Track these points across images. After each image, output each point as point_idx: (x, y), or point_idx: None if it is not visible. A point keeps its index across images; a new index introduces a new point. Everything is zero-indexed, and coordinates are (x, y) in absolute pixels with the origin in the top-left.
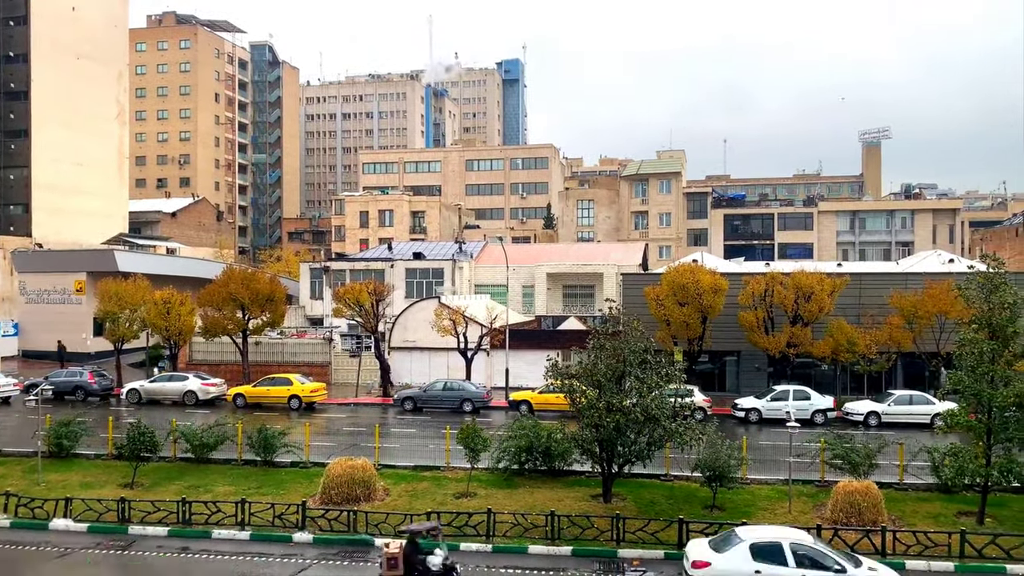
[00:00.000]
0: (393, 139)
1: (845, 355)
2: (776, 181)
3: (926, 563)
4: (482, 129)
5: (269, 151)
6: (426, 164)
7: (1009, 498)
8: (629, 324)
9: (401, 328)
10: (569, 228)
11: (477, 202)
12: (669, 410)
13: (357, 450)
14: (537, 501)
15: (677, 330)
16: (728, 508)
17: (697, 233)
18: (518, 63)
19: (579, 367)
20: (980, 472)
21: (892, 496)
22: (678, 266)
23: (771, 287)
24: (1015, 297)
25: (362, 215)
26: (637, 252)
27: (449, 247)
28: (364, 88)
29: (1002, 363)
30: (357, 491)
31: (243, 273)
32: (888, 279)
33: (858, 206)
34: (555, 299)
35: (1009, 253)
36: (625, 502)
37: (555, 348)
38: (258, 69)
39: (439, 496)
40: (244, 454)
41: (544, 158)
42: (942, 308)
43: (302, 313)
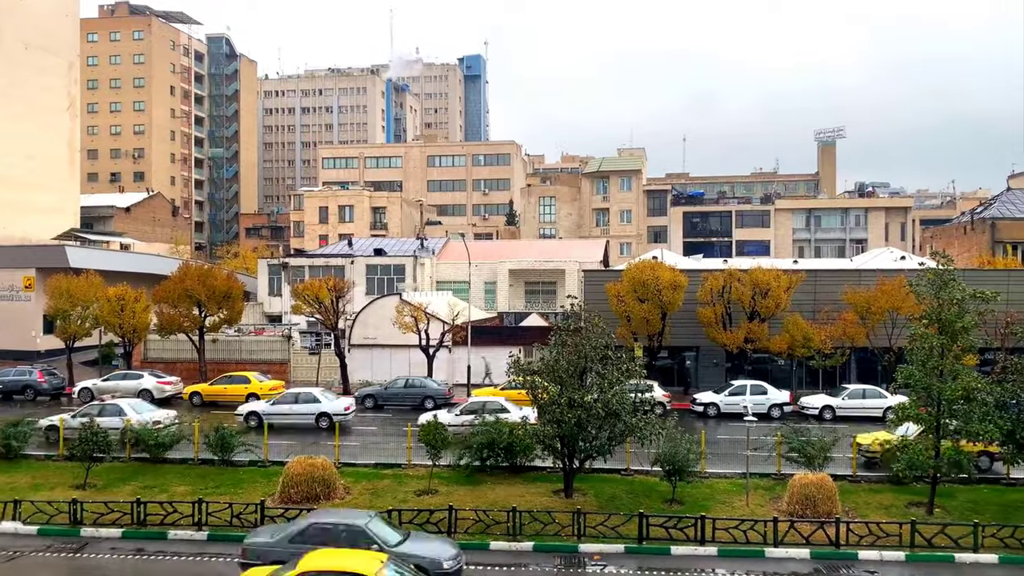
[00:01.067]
0: (353, 134)
1: (801, 350)
2: (734, 179)
3: (878, 553)
4: (444, 125)
5: (226, 145)
6: (387, 159)
7: (957, 489)
8: (590, 320)
9: (362, 325)
10: (531, 225)
11: (439, 198)
12: (629, 405)
13: (317, 448)
14: (499, 497)
15: (637, 326)
16: (687, 502)
17: (657, 230)
18: (480, 59)
19: (541, 363)
20: (929, 464)
21: (846, 488)
22: (639, 263)
23: (729, 284)
24: (963, 293)
25: (322, 211)
26: (598, 249)
27: (411, 243)
28: (324, 82)
29: (950, 357)
30: (317, 490)
31: (199, 269)
32: (842, 276)
33: (813, 204)
34: (517, 295)
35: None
36: (586, 497)
37: (517, 344)
38: (215, 62)
39: (400, 494)
40: (201, 453)
41: (506, 154)
42: (894, 304)
43: (260, 310)
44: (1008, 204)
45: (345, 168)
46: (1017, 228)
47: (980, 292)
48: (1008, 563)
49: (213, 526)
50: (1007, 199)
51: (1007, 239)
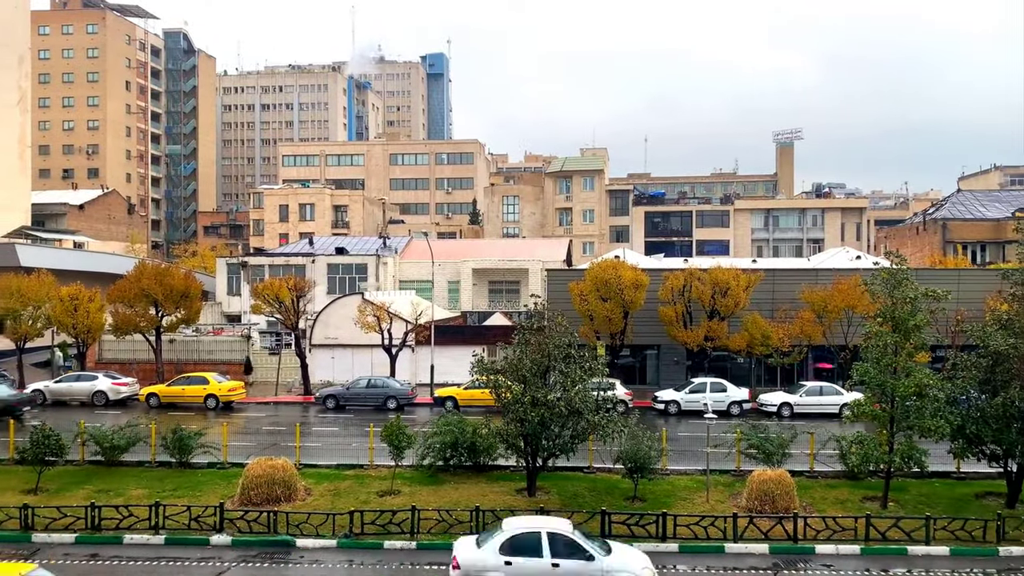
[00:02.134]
0: (314, 131)
1: (760, 348)
2: (695, 179)
3: (834, 547)
4: (406, 123)
5: (184, 142)
6: (349, 157)
7: (910, 483)
8: (553, 319)
9: (323, 325)
10: (495, 224)
11: (402, 197)
12: (592, 403)
13: (277, 450)
14: (462, 497)
15: (600, 325)
16: (649, 499)
17: (619, 229)
18: (443, 57)
19: (504, 362)
20: (883, 459)
21: (803, 483)
22: (601, 262)
23: (689, 283)
24: (916, 292)
25: (282, 209)
26: (561, 248)
27: (373, 242)
28: (284, 79)
29: (904, 355)
30: (277, 491)
31: (156, 268)
32: (800, 275)
33: (772, 204)
34: (481, 295)
35: (910, 250)
36: (549, 495)
37: (481, 344)
38: (172, 57)
39: (362, 495)
40: (158, 456)
41: (470, 153)
42: (850, 303)
43: (219, 310)
44: (958, 205)
45: (306, 166)
46: (967, 228)
47: (932, 291)
48: (958, 555)
49: (171, 530)
50: (957, 200)
51: (957, 239)
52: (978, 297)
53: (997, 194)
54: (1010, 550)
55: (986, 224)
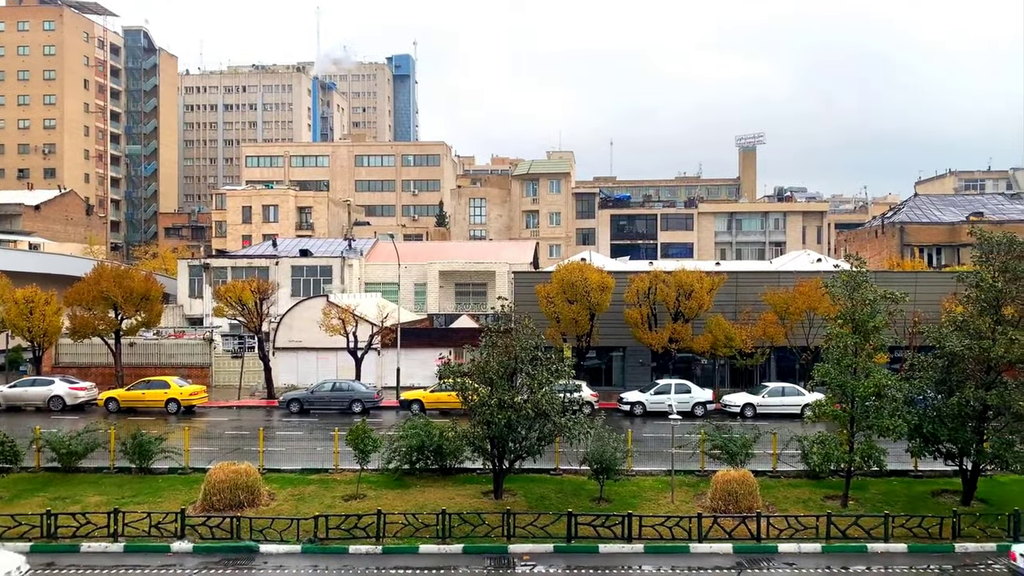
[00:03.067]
0: (278, 132)
1: (723, 349)
2: (659, 183)
3: (796, 545)
4: (372, 124)
5: (144, 142)
6: (313, 158)
7: (869, 481)
8: (520, 322)
9: (287, 328)
10: (461, 226)
11: (367, 198)
12: (559, 405)
13: (241, 454)
14: (428, 500)
15: (566, 327)
16: (615, 500)
17: (585, 232)
18: (409, 59)
19: (471, 365)
20: (844, 458)
21: (766, 483)
22: (567, 264)
23: (654, 285)
24: (875, 294)
25: (245, 210)
26: (528, 250)
27: (338, 244)
28: (248, 79)
29: (863, 356)
30: (241, 496)
31: (116, 270)
32: (762, 277)
33: (735, 208)
34: (447, 297)
35: (870, 253)
36: (516, 497)
37: (447, 346)
38: (132, 56)
39: (327, 499)
40: (117, 462)
41: (436, 155)
42: (811, 305)
43: (180, 313)
44: (916, 209)
45: (270, 167)
46: (924, 232)
47: (890, 293)
48: (916, 551)
49: (130, 537)
50: (915, 204)
51: (915, 242)
52: (934, 299)
53: (952, 198)
54: (965, 546)
55: (942, 228)
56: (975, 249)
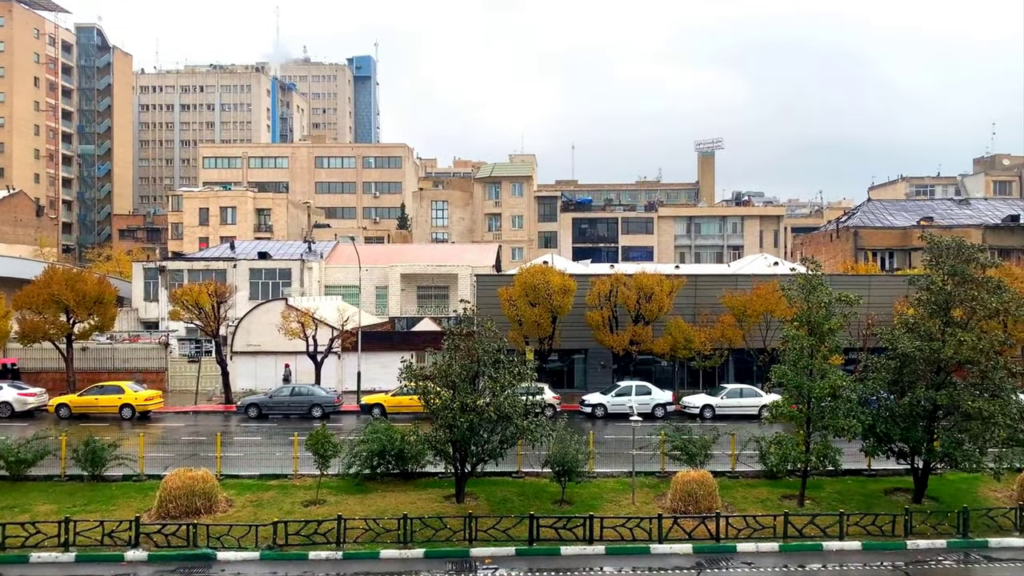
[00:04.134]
0: (237, 133)
1: (683, 351)
2: (620, 187)
3: (755, 545)
4: (332, 125)
5: (98, 142)
6: (272, 159)
7: (825, 481)
8: (483, 324)
9: (245, 331)
10: (423, 229)
11: (328, 200)
12: (521, 408)
13: (197, 460)
14: (390, 505)
15: (529, 330)
16: (576, 502)
17: (548, 235)
18: (370, 60)
19: (433, 368)
20: (801, 458)
21: (725, 484)
22: (530, 267)
23: (615, 288)
24: (830, 297)
25: (202, 212)
26: (491, 253)
27: (297, 246)
28: (205, 79)
29: (819, 357)
30: (197, 503)
31: (67, 273)
32: (720, 280)
33: (694, 212)
34: (409, 300)
35: (825, 256)
36: (478, 501)
37: (409, 349)
38: (85, 53)
39: (286, 505)
40: (69, 469)
41: (398, 157)
42: (768, 307)
43: (135, 316)
44: (869, 214)
45: (228, 168)
46: (877, 236)
47: (845, 296)
48: (870, 549)
49: (82, 546)
50: (868, 209)
51: (868, 246)
52: (887, 302)
53: (904, 203)
54: (916, 543)
55: (894, 232)
56: (926, 253)
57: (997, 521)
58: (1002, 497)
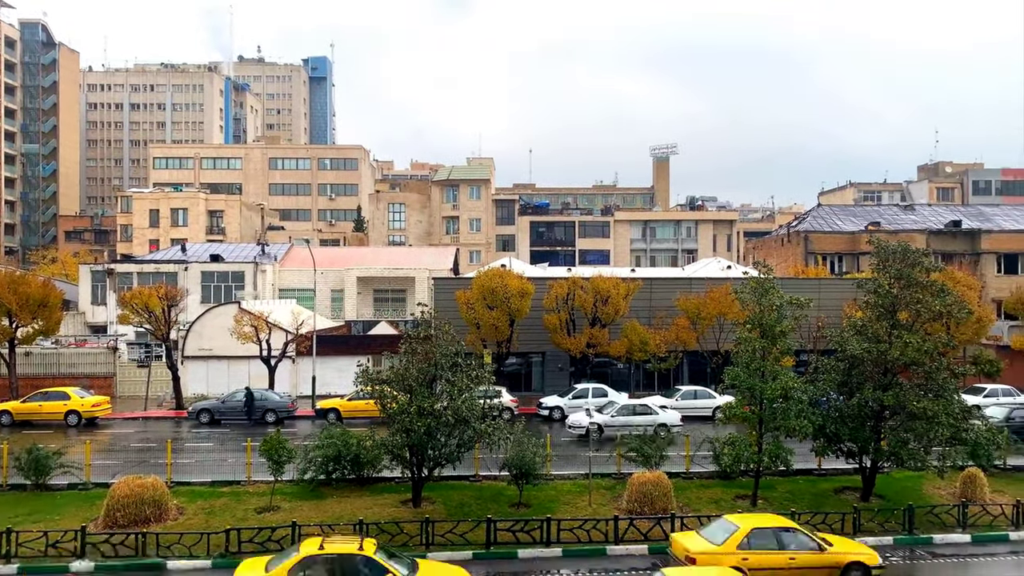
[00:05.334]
0: (189, 133)
1: (638, 354)
2: (577, 191)
3: None
4: (287, 127)
5: (43, 141)
6: (225, 160)
7: (777, 480)
8: (441, 328)
9: (196, 336)
10: (380, 231)
11: (282, 202)
12: (479, 412)
13: (147, 467)
14: (345, 510)
15: (487, 333)
16: (534, 504)
17: (505, 239)
18: (326, 61)
19: (390, 372)
20: (753, 458)
21: (680, 484)
22: (488, 271)
23: (573, 291)
24: (781, 300)
25: (152, 214)
26: (448, 256)
27: (251, 249)
28: (156, 77)
29: (771, 359)
30: (147, 511)
31: (10, 276)
32: (675, 284)
33: (649, 216)
34: (366, 303)
35: (776, 260)
36: (435, 505)
37: (366, 353)
38: (29, 50)
39: (239, 512)
40: (11, 478)
41: (354, 159)
42: (721, 310)
43: (82, 320)
44: (819, 219)
45: (179, 169)
46: (826, 240)
47: (795, 299)
48: None
49: (25, 558)
50: (818, 214)
51: (818, 250)
52: (836, 305)
53: (852, 209)
54: (865, 540)
55: (843, 237)
56: (873, 257)
57: (941, 518)
58: (945, 494)
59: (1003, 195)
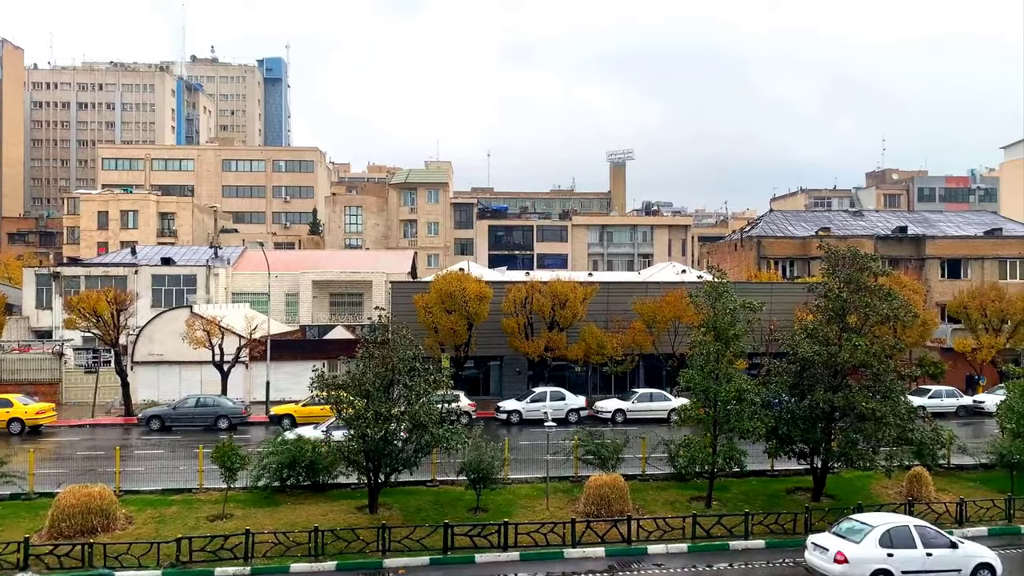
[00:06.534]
0: (139, 134)
1: (596, 357)
2: (535, 195)
3: (664, 546)
4: (241, 128)
5: None
6: (177, 162)
7: (731, 482)
8: (398, 332)
9: (147, 341)
10: (336, 235)
11: (236, 204)
12: (436, 416)
13: (95, 476)
14: (300, 518)
15: (445, 337)
16: (491, 509)
17: (464, 242)
18: (281, 62)
19: (347, 377)
20: (708, 460)
21: (636, 487)
22: (446, 274)
23: (531, 295)
24: (735, 304)
25: (101, 216)
26: (406, 260)
27: (203, 252)
28: (105, 76)
29: (725, 362)
30: (94, 521)
31: None
32: (631, 287)
33: (606, 221)
34: (321, 307)
35: (730, 265)
36: (392, 511)
37: (321, 358)
38: None
39: (191, 520)
40: None
41: (310, 161)
42: (677, 314)
43: (26, 325)
44: (771, 224)
45: (129, 170)
46: (778, 245)
47: (749, 303)
48: (773, 546)
49: None
50: (770, 219)
51: (770, 255)
52: (788, 308)
53: (803, 214)
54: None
55: (794, 242)
56: (823, 262)
57: None
58: (892, 493)
59: (946, 202)
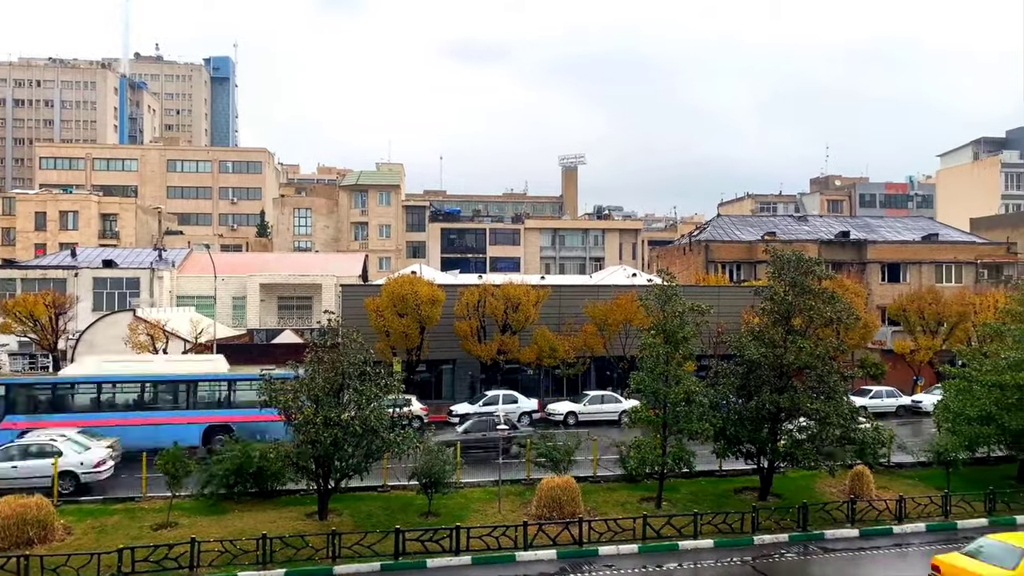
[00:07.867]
0: (80, 132)
1: (548, 360)
2: (488, 198)
3: (615, 547)
4: (187, 128)
5: None
6: (120, 162)
7: (681, 482)
8: (348, 336)
9: (87, 345)
10: (285, 237)
11: (181, 206)
12: (387, 421)
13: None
14: (248, 525)
15: (396, 341)
16: (443, 513)
17: (416, 245)
18: (228, 61)
19: (296, 381)
20: (658, 461)
21: (588, 488)
22: (398, 277)
23: (483, 298)
24: (684, 307)
25: (38, 216)
26: (357, 263)
27: (147, 254)
28: (43, 73)
29: (674, 364)
30: (30, 532)
31: None
32: (583, 291)
33: (558, 224)
34: (269, 311)
35: (679, 268)
36: (342, 517)
37: (269, 363)
38: None
39: (134, 530)
40: None
41: (257, 162)
42: (627, 316)
43: None
44: (719, 228)
45: (69, 169)
46: (725, 249)
47: (697, 306)
48: (722, 546)
49: None
50: (718, 224)
51: (718, 259)
52: (735, 311)
53: (750, 219)
54: (763, 538)
55: (741, 246)
56: (769, 266)
57: (832, 514)
58: (836, 492)
59: (886, 207)
